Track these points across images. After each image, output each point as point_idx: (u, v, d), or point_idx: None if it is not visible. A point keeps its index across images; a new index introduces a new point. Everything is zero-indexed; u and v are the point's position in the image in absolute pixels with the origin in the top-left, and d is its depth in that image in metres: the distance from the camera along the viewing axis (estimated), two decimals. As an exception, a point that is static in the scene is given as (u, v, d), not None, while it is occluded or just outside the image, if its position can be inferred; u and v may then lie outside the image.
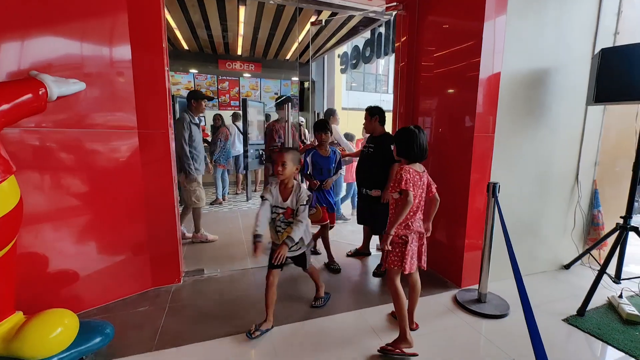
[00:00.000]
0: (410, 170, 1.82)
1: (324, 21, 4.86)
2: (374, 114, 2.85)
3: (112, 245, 2.30)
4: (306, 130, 7.25)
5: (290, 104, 3.70)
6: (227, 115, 6.96)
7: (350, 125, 9.35)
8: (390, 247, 1.80)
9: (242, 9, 4.69)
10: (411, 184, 1.77)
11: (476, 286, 2.44)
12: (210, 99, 3.82)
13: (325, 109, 8.84)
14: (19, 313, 1.59)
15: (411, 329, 1.97)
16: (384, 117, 2.90)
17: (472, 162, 2.46)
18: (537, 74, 2.61)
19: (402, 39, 3.18)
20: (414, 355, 1.79)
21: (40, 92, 1.59)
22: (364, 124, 3.00)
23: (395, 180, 1.81)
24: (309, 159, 2.92)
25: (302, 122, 7.17)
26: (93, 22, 2.07)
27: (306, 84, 9.70)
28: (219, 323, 2.09)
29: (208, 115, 7.56)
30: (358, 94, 15.13)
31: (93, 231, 2.20)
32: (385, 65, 16.28)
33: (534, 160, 2.73)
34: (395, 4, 3.17)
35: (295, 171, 1.98)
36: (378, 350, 1.81)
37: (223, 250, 3.40)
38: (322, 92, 9.69)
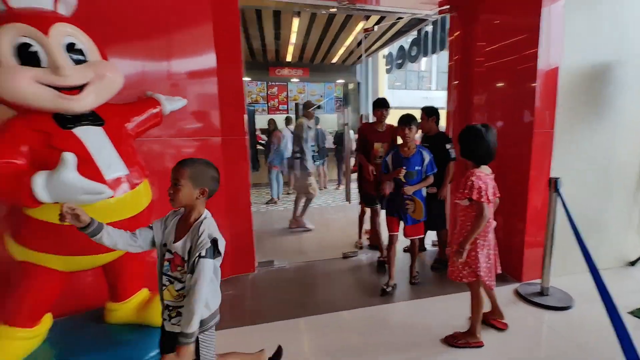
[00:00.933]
0: (482, 175, 1.71)
1: (376, 28, 5.00)
2: (432, 114, 2.94)
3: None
4: (351, 131, 7.45)
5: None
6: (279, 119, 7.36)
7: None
8: (462, 260, 1.73)
9: (295, 20, 4.99)
10: (485, 194, 1.66)
11: (538, 280, 2.46)
12: (318, 107, 4.37)
13: (369, 110, 8.97)
14: (145, 289, 1.95)
15: (501, 329, 1.99)
16: (439, 117, 2.98)
17: (531, 158, 2.48)
18: (597, 68, 2.56)
19: (456, 34, 3.22)
20: (479, 345, 1.85)
21: (157, 109, 1.94)
22: (420, 124, 3.08)
23: (466, 186, 1.72)
24: (388, 160, 2.60)
25: (347, 123, 7.38)
26: (188, 40, 2.40)
27: (350, 86, 9.89)
28: (294, 306, 2.35)
29: (260, 120, 8.05)
30: (401, 93, 14.95)
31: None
32: (428, 62, 15.94)
33: (596, 154, 2.66)
34: (448, 7, 3.23)
35: (199, 196, 1.23)
36: (442, 340, 1.90)
37: (285, 245, 3.69)
38: (365, 94, 9.78)
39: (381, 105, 3.02)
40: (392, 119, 2.94)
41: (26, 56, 1.30)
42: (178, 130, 2.42)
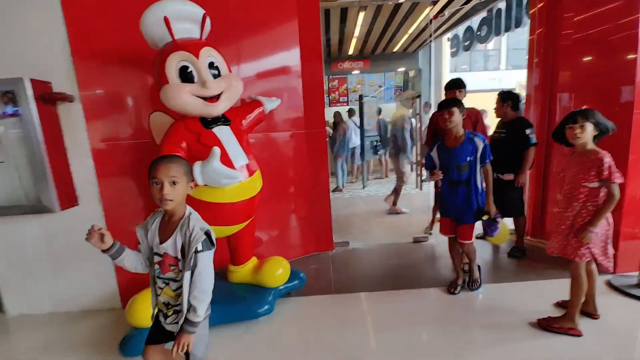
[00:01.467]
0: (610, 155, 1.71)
1: (445, 12, 4.93)
2: (506, 99, 2.90)
3: (292, 217, 3.06)
4: (413, 119, 7.40)
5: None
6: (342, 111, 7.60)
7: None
8: (589, 241, 1.74)
9: (361, 14, 5.15)
10: (618, 175, 1.68)
11: (634, 273, 2.34)
12: (418, 96, 4.55)
13: (432, 97, 8.72)
14: (254, 257, 2.39)
15: (593, 317, 1.98)
16: (518, 102, 2.93)
17: (630, 142, 2.33)
18: None
19: (539, 5, 3.04)
20: (577, 334, 1.85)
21: (261, 109, 2.32)
22: (494, 109, 3.06)
23: (597, 168, 1.72)
24: (433, 154, 2.29)
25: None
26: (277, 38, 2.73)
27: (411, 73, 9.70)
28: (374, 280, 2.63)
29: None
30: (465, 76, 14.08)
31: (281, 206, 2.98)
32: (496, 40, 14.63)
33: None
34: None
35: (191, 189, 1.27)
36: (535, 323, 1.94)
37: (356, 228, 3.98)
38: (427, 80, 9.51)
39: (453, 86, 2.79)
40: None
41: (185, 75, 1.74)
42: (270, 126, 2.81)
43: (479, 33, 7.62)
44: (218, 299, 2.16)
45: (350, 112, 7.07)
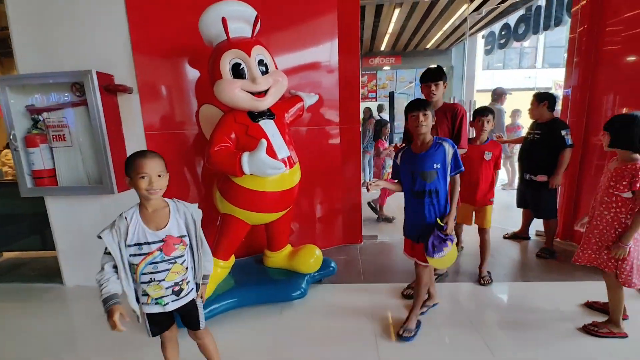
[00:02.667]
0: None
1: (483, 10, 4.84)
2: (543, 100, 2.87)
3: (324, 209, 3.18)
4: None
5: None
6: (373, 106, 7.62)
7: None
8: (623, 255, 1.70)
9: (397, 10, 5.14)
10: None
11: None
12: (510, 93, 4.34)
13: (464, 94, 8.54)
14: (289, 245, 2.53)
15: (623, 318, 1.94)
16: (554, 102, 2.88)
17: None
18: None
19: (582, 3, 2.97)
20: (624, 335, 1.84)
21: (300, 104, 2.44)
22: (529, 110, 3.03)
23: (631, 178, 1.66)
24: (398, 160, 1.96)
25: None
26: (320, 34, 2.83)
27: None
28: (403, 273, 2.69)
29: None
30: (499, 73, 13.59)
31: (314, 199, 3.11)
32: (533, 37, 14.01)
33: None
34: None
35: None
36: (584, 328, 1.91)
37: (380, 223, 4.05)
38: (460, 78, 9.31)
39: (431, 78, 2.23)
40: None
41: (237, 72, 1.89)
42: (307, 120, 2.92)
43: (516, 31, 7.40)
44: (256, 281, 2.36)
45: (380, 108, 7.10)
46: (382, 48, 8.09)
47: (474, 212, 2.60)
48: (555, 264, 2.81)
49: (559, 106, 3.38)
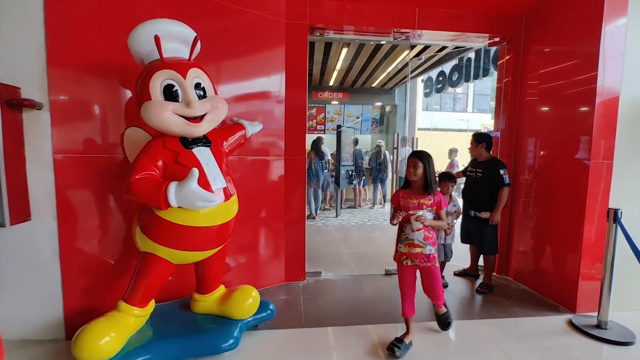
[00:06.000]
0: None
1: (422, 57, 5.29)
2: (481, 141, 3.09)
3: (265, 244, 2.97)
4: (386, 152, 7.69)
5: None
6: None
7: (432, 146, 9.43)
8: None
9: (344, 50, 5.40)
10: None
11: (594, 313, 2.44)
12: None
13: (406, 131, 9.16)
14: (222, 286, 2.26)
15: None
16: (491, 144, 3.12)
17: (587, 188, 2.51)
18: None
19: (506, 57, 3.34)
20: None
21: (243, 132, 2.30)
22: (469, 149, 3.24)
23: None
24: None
25: (380, 143, 7.64)
26: (264, 64, 2.80)
27: (387, 108, 10.16)
28: (348, 314, 2.56)
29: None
30: (436, 114, 14.98)
31: (254, 232, 2.89)
32: (464, 85, 15.92)
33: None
34: (498, 39, 3.42)
35: None
36: None
37: (331, 258, 3.92)
38: (403, 116, 9.99)
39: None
40: (431, 140, 3.05)
41: (169, 94, 1.71)
42: (249, 149, 2.78)
43: (450, 78, 8.24)
44: (179, 331, 2.03)
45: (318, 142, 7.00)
46: (331, 83, 8.42)
47: None
48: (494, 299, 2.89)
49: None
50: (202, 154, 1.84)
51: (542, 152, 3.01)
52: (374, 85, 8.81)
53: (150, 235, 1.77)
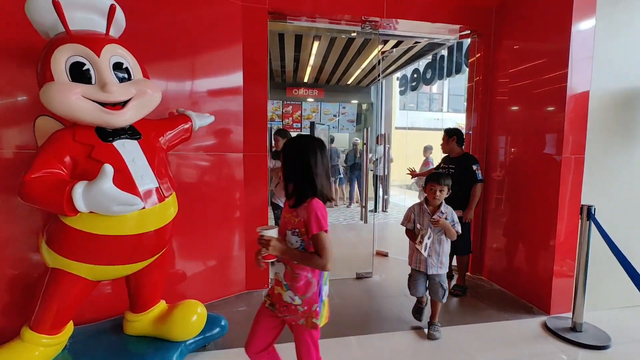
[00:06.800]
0: None
1: (394, 51, 5.14)
2: (452, 135, 2.94)
3: (222, 250, 2.67)
4: (362, 150, 7.55)
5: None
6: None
7: (409, 145, 9.38)
8: None
9: (316, 43, 5.16)
10: None
11: (568, 314, 2.34)
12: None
13: (382, 130, 9.09)
14: (163, 301, 1.96)
15: None
16: (463, 138, 2.98)
17: (560, 185, 2.42)
18: (630, 93, 2.52)
19: (477, 55, 3.24)
20: None
21: (188, 125, 2.01)
22: (441, 144, 3.09)
23: None
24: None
25: (357, 141, 7.49)
26: (218, 59, 2.54)
27: (364, 106, 10.03)
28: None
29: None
30: (412, 113, 15.09)
31: (209, 237, 2.59)
32: (439, 84, 16.14)
33: (630, 183, 2.59)
34: (469, 31, 3.30)
35: None
36: None
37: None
38: (379, 114, 9.90)
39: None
40: (407, 139, 2.94)
41: (78, 74, 1.39)
42: (203, 145, 2.49)
43: (425, 76, 8.20)
44: (108, 357, 1.72)
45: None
46: (306, 80, 8.18)
47: None
48: (468, 302, 2.74)
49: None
50: (127, 148, 1.53)
51: (513, 149, 2.92)
52: (349, 82, 8.65)
53: (57, 248, 1.45)
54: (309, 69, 6.99)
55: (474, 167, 2.77)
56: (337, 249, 3.97)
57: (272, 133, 4.00)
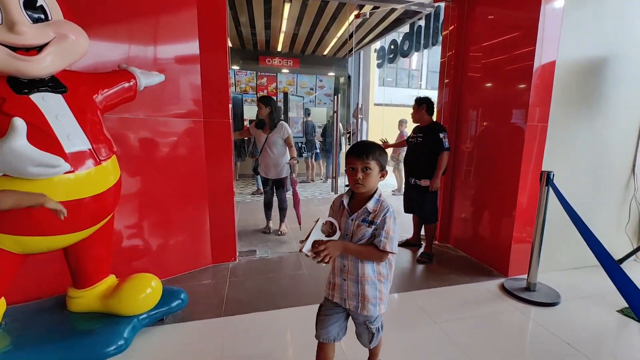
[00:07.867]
0: None
1: (368, 14, 4.90)
2: (421, 103, 2.88)
3: (183, 223, 2.53)
4: (340, 124, 7.41)
5: None
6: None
7: (385, 122, 9.31)
8: None
9: (287, 6, 4.84)
10: None
11: (524, 276, 2.43)
12: None
13: (360, 103, 8.92)
14: (112, 276, 1.83)
15: None
16: (432, 107, 2.92)
17: (523, 153, 2.43)
18: (594, 62, 2.52)
19: (450, 28, 3.15)
20: None
21: (131, 82, 1.80)
22: (411, 114, 3.01)
23: None
24: None
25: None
26: (170, 21, 2.29)
27: (341, 80, 9.77)
28: (276, 296, 2.26)
29: (250, 111, 7.86)
30: (391, 90, 14.94)
31: (169, 209, 2.43)
32: (418, 61, 15.98)
33: (589, 151, 2.64)
34: (443, -6, 3.16)
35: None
36: None
37: (271, 234, 3.59)
38: (357, 87, 9.70)
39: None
40: (385, 115, 2.85)
41: (-26, 9, 1.16)
42: (158, 109, 2.29)
43: (402, 47, 8.01)
44: (49, 338, 1.58)
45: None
46: (279, 48, 7.79)
47: None
48: (433, 268, 2.77)
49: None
50: (48, 103, 1.33)
51: (483, 122, 2.89)
52: (325, 53, 8.33)
53: (-31, 217, 1.27)
54: (282, 36, 6.63)
55: (441, 135, 2.73)
56: (309, 222, 3.96)
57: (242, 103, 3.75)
